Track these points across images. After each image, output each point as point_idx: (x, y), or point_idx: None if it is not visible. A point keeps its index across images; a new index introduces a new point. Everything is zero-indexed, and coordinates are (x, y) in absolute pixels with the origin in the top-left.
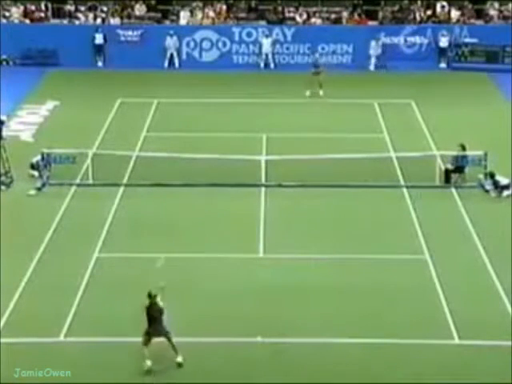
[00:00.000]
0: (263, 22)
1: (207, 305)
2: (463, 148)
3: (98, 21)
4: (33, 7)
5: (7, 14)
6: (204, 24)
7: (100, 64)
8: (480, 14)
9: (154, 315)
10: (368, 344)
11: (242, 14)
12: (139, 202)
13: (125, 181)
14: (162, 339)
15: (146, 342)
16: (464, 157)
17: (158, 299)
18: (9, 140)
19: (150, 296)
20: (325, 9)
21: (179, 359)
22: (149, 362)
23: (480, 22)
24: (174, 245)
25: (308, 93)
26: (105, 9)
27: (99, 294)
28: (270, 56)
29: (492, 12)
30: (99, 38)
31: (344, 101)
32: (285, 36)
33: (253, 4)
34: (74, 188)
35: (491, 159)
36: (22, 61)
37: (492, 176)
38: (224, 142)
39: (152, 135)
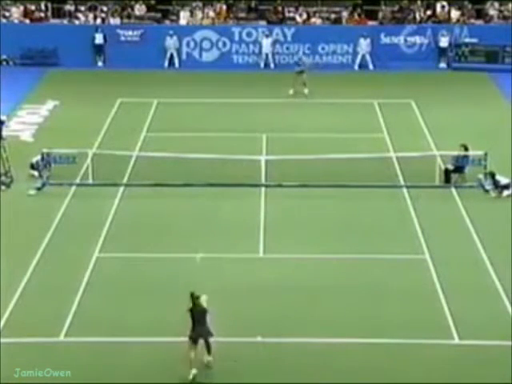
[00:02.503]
0: (263, 22)
1: (207, 304)
2: (465, 148)
3: (98, 21)
4: (33, 7)
5: (7, 13)
6: (204, 24)
7: (100, 64)
8: (480, 13)
9: (197, 317)
10: (368, 344)
11: (242, 14)
12: (139, 202)
13: (125, 181)
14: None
15: (191, 347)
16: (464, 157)
17: (202, 299)
18: (9, 140)
19: (193, 297)
20: (325, 9)
21: (209, 358)
22: (194, 371)
23: (480, 22)
24: (173, 245)
25: (291, 91)
26: (105, 9)
27: (99, 294)
28: (270, 56)
29: (492, 12)
30: (99, 38)
31: (344, 100)
32: (285, 36)
33: (253, 4)
34: (73, 188)
35: (491, 159)
36: (22, 61)
37: (492, 176)
38: (224, 141)
39: (152, 135)
